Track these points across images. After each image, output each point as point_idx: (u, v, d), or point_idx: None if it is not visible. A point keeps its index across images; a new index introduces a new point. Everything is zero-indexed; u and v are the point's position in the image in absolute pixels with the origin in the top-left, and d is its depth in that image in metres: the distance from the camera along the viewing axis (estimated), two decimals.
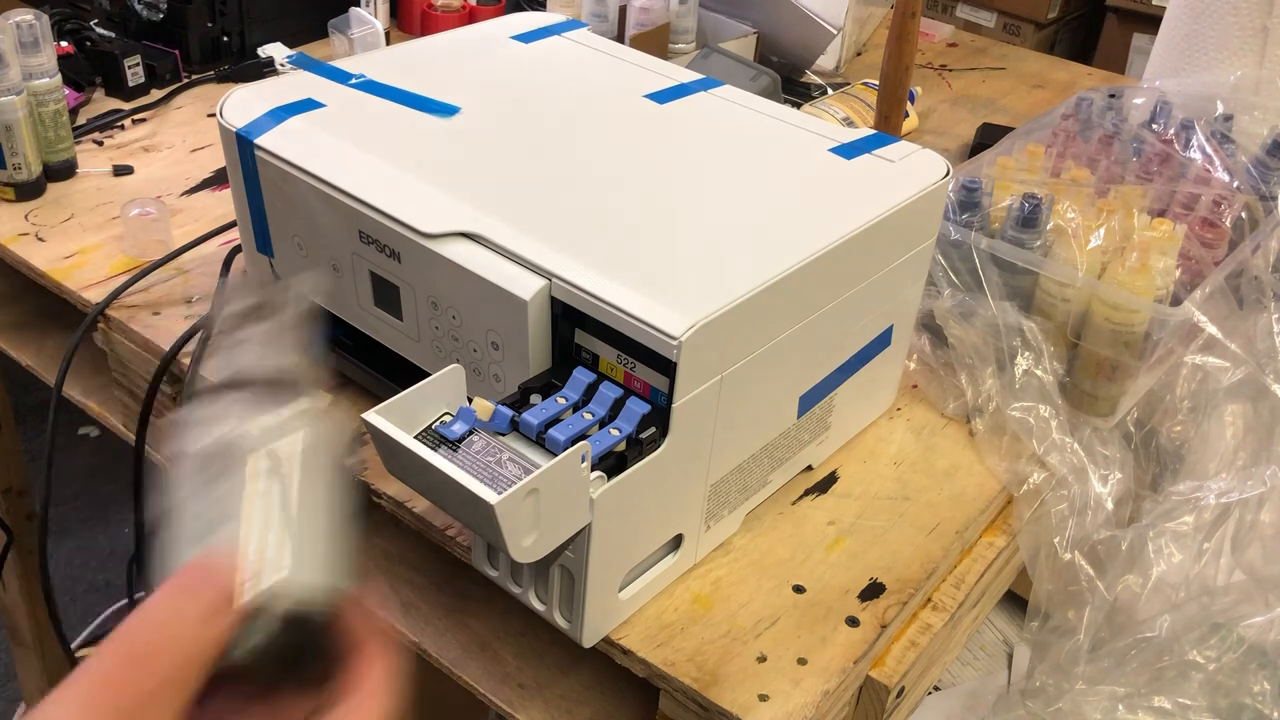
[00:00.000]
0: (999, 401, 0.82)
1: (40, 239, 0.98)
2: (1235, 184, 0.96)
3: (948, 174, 0.76)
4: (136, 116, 1.21)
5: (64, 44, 1.23)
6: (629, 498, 0.60)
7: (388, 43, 1.39)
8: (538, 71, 0.86)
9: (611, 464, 0.59)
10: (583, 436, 0.59)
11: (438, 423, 0.59)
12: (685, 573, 0.71)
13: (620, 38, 1.37)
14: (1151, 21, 2.23)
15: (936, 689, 0.91)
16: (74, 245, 0.98)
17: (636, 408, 0.60)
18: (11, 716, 1.72)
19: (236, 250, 0.92)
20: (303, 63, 0.84)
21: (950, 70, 1.57)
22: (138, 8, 1.29)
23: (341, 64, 0.83)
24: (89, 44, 1.25)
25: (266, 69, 1.32)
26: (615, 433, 0.59)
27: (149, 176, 1.10)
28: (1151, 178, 0.96)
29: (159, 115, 1.22)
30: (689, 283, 0.62)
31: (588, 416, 0.60)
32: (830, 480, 0.80)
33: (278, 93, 0.78)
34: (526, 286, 0.62)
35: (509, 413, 0.59)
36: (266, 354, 0.48)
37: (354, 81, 0.81)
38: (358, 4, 1.38)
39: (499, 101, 0.81)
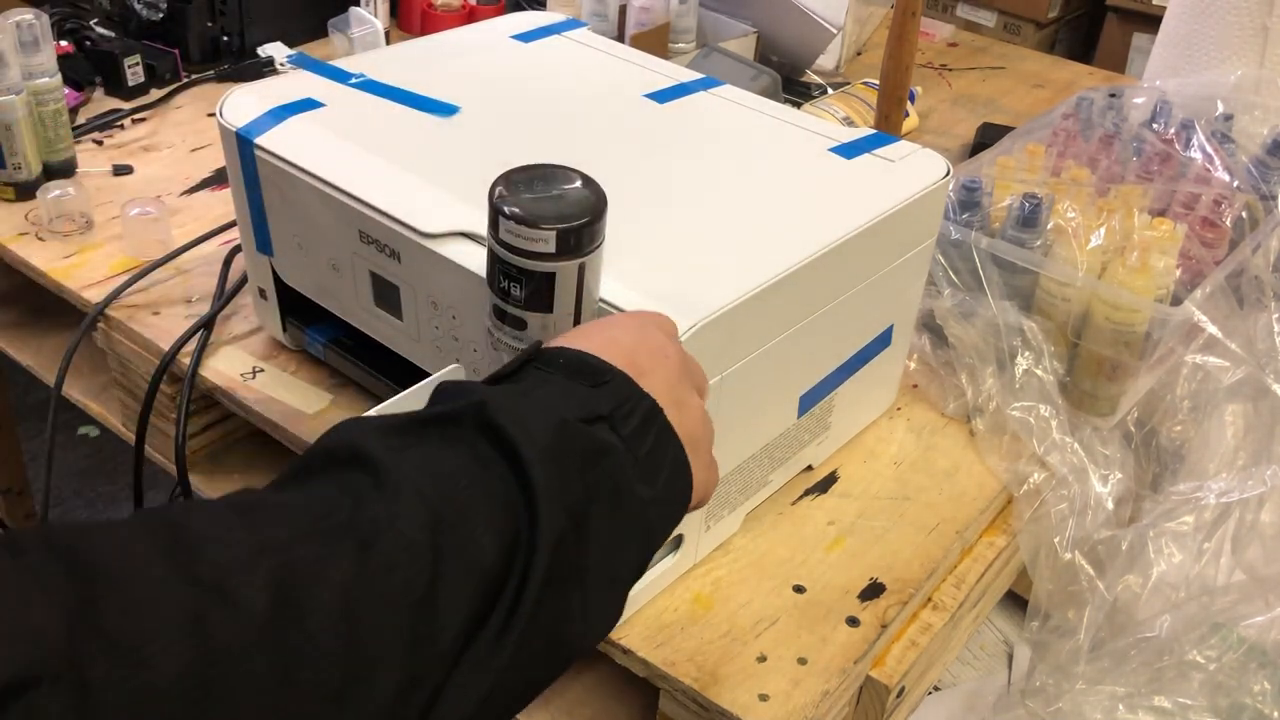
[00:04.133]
0: (999, 401, 0.82)
1: (40, 239, 0.98)
2: (1235, 184, 0.96)
3: (948, 174, 0.76)
4: (136, 116, 1.20)
5: (64, 43, 1.23)
6: None
7: (388, 42, 1.38)
8: (538, 71, 0.86)
9: None
10: None
11: None
12: (685, 573, 0.71)
13: (620, 37, 1.37)
14: (1152, 21, 2.23)
15: (936, 689, 0.91)
16: (74, 245, 0.98)
17: None
18: None
19: (236, 250, 0.92)
20: (303, 62, 0.84)
21: (950, 70, 1.57)
22: (138, 7, 1.29)
23: (341, 64, 0.83)
24: (89, 43, 1.25)
25: (266, 69, 1.32)
26: None
27: (149, 176, 1.10)
28: (1152, 177, 0.96)
29: (159, 115, 1.22)
30: (689, 283, 0.62)
31: None
32: (830, 480, 0.80)
33: (278, 92, 0.78)
34: None
35: None
36: None
37: (354, 81, 0.81)
38: (358, 4, 1.38)
39: (499, 101, 0.81)
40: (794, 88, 1.40)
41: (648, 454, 0.48)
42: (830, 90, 1.37)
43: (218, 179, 1.10)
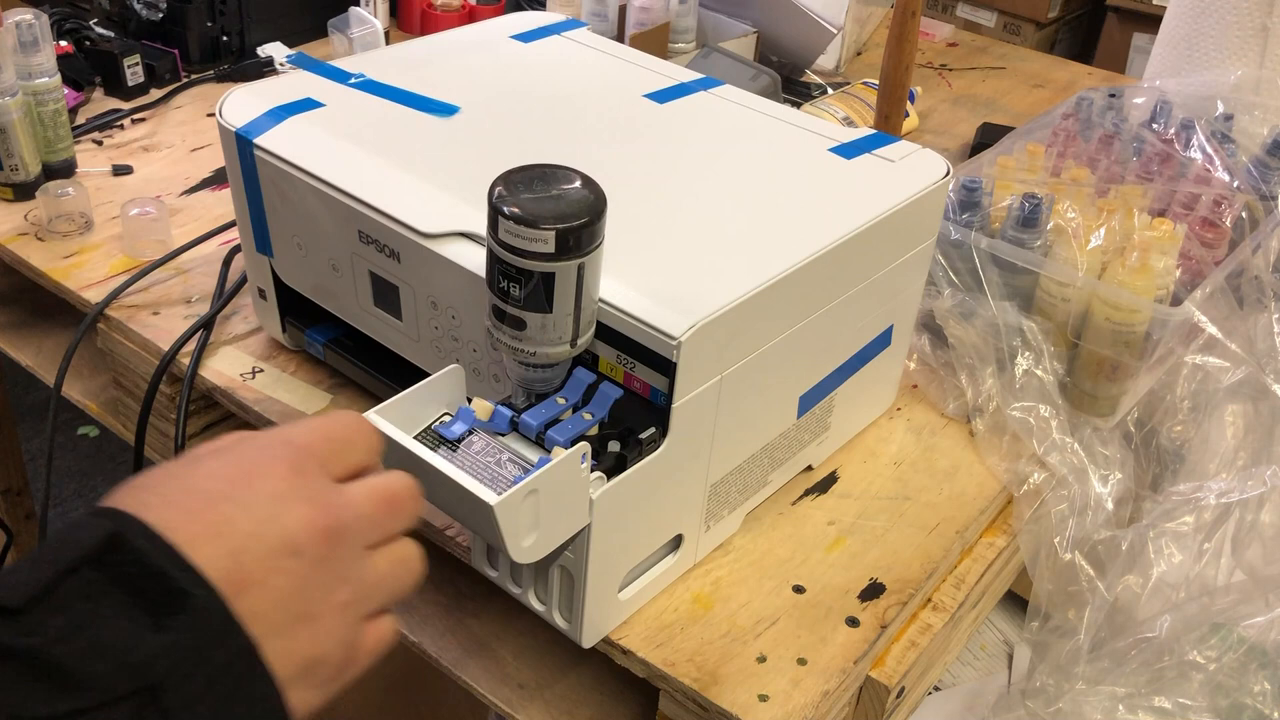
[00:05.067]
0: (999, 401, 0.82)
1: (40, 239, 0.98)
2: (1235, 184, 0.96)
3: (948, 174, 0.76)
4: (136, 116, 1.20)
5: (63, 43, 1.23)
6: (629, 498, 0.60)
7: (387, 42, 1.38)
8: (538, 71, 0.86)
9: (611, 464, 0.59)
10: (583, 437, 0.59)
11: (437, 423, 0.59)
12: (685, 573, 0.71)
13: (620, 37, 1.37)
14: (1151, 21, 2.23)
15: (936, 689, 0.91)
16: (74, 245, 0.98)
17: (610, 392, 0.60)
18: None
19: (236, 250, 0.92)
20: (302, 62, 0.84)
21: (950, 70, 1.57)
22: (137, 7, 1.29)
23: (341, 64, 0.83)
24: (88, 43, 1.25)
25: (266, 69, 1.32)
26: (588, 416, 0.60)
27: (148, 176, 1.10)
28: (1151, 177, 0.96)
29: (158, 115, 1.22)
30: (689, 283, 0.62)
31: (587, 417, 0.60)
32: (830, 480, 0.80)
33: (277, 92, 0.78)
34: None
35: (509, 413, 0.59)
36: None
37: (354, 81, 0.81)
38: (358, 4, 1.38)
39: (499, 101, 0.81)
40: (794, 88, 1.40)
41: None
42: (830, 90, 1.37)
43: (217, 179, 1.10)
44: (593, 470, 0.57)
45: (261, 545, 0.38)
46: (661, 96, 0.83)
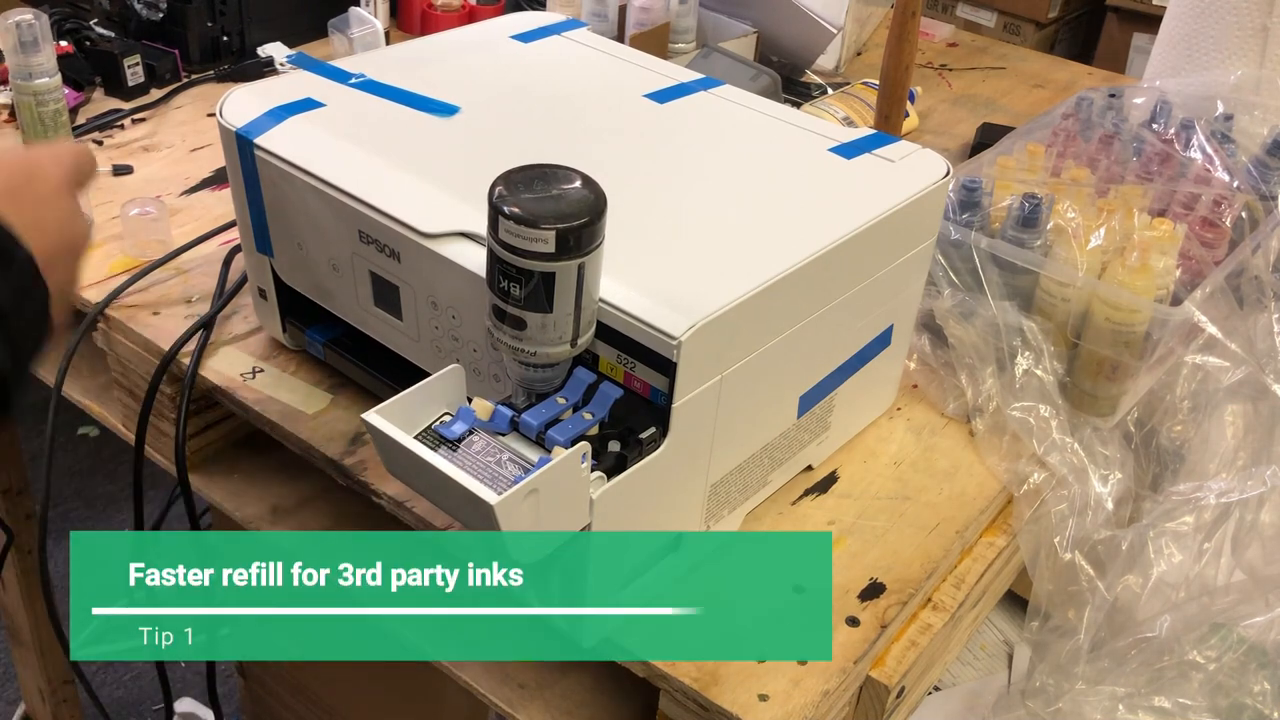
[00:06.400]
0: (999, 401, 0.82)
1: None
2: (1235, 184, 0.96)
3: (948, 174, 0.76)
4: (136, 116, 1.20)
5: (64, 43, 1.23)
6: (629, 498, 0.60)
7: (388, 42, 1.38)
8: (538, 71, 0.86)
9: (611, 464, 0.59)
10: (583, 437, 0.59)
11: (438, 423, 0.59)
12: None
13: (620, 37, 1.37)
14: (1151, 21, 2.23)
15: (936, 689, 0.91)
16: None
17: (610, 392, 0.60)
18: (11, 717, 1.72)
19: (236, 250, 0.92)
20: (302, 62, 0.84)
21: (950, 70, 1.57)
22: (137, 7, 1.29)
23: (341, 64, 0.83)
24: (89, 43, 1.25)
25: (266, 69, 1.32)
26: (588, 416, 0.60)
27: (148, 176, 1.10)
28: (1151, 177, 0.96)
29: (158, 115, 1.22)
30: (689, 283, 0.62)
31: (588, 417, 0.60)
32: (830, 480, 0.80)
33: (277, 92, 0.78)
34: None
35: (509, 413, 0.59)
36: None
37: (354, 81, 0.81)
38: (358, 4, 1.38)
39: (499, 101, 0.81)
40: (794, 88, 1.40)
41: (31, 343, 0.51)
42: (830, 90, 1.37)
43: (218, 179, 1.10)
44: (593, 470, 0.57)
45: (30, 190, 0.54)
46: (662, 96, 0.83)
